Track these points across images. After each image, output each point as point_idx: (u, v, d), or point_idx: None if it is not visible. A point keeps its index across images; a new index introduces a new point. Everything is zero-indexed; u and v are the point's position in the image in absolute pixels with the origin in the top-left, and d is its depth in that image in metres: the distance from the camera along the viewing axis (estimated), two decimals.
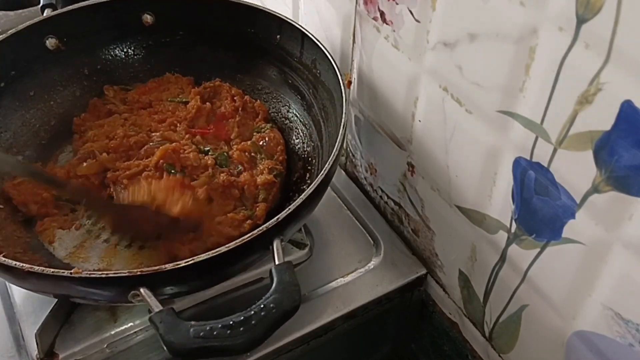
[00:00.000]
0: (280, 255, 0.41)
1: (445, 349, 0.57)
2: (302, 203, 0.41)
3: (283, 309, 0.38)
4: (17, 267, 0.38)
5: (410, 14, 0.43)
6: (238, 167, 0.53)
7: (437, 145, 0.46)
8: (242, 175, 0.52)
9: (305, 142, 0.58)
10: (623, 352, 0.35)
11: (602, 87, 0.30)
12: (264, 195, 0.52)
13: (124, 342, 0.47)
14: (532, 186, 0.38)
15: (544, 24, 0.32)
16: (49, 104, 0.58)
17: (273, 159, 0.55)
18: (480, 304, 0.49)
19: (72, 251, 0.51)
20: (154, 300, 0.38)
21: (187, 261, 0.38)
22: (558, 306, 0.39)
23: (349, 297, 0.51)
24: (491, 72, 0.37)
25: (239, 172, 0.53)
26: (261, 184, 0.52)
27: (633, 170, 0.30)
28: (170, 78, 0.62)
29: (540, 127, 0.35)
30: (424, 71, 0.44)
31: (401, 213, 0.57)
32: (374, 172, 0.59)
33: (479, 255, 0.46)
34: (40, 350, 0.45)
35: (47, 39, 0.57)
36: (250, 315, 0.37)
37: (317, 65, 0.55)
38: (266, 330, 0.37)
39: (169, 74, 0.62)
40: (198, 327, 0.36)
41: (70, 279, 0.38)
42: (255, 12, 0.58)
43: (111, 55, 0.62)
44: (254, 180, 0.52)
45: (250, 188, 0.51)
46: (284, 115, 0.61)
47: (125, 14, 0.60)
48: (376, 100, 0.53)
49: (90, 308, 0.48)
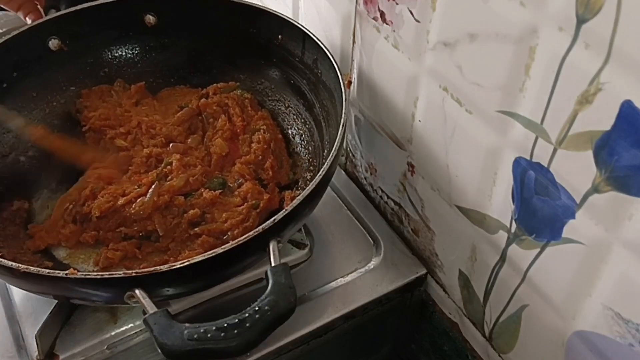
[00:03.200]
0: (277, 256, 0.40)
1: (445, 349, 0.57)
2: (299, 205, 0.41)
3: (278, 311, 0.38)
4: (13, 267, 0.38)
5: (410, 14, 0.43)
6: (239, 179, 0.53)
7: (437, 145, 0.46)
8: (244, 185, 0.52)
9: (307, 143, 0.58)
10: (623, 352, 0.35)
11: (602, 87, 0.30)
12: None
13: (124, 343, 0.47)
14: (532, 186, 0.38)
15: (544, 24, 0.32)
16: (51, 105, 0.58)
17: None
18: (480, 304, 0.49)
19: (72, 252, 0.51)
20: (149, 301, 0.38)
21: (183, 262, 0.38)
22: (558, 306, 0.39)
23: (349, 297, 0.51)
24: (491, 72, 0.37)
25: (240, 184, 0.53)
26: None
27: (633, 170, 0.30)
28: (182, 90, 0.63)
29: (540, 127, 0.35)
30: (424, 71, 0.44)
31: (401, 213, 0.57)
32: (374, 172, 0.59)
33: (479, 255, 0.46)
34: (41, 351, 0.45)
35: (49, 40, 0.57)
36: (244, 317, 0.37)
37: (318, 65, 0.55)
38: (261, 333, 0.37)
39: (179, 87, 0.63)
40: (192, 329, 0.36)
41: (66, 280, 0.38)
42: (256, 12, 0.58)
43: (113, 55, 0.62)
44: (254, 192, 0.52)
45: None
46: (285, 116, 0.61)
47: (128, 14, 0.60)
48: (376, 100, 0.53)
49: (90, 309, 0.48)
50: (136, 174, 0.53)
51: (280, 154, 0.57)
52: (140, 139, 0.56)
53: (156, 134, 0.56)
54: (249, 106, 0.59)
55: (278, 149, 0.57)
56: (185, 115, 0.58)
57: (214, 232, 0.49)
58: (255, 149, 0.55)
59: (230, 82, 0.61)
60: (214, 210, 0.51)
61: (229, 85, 0.60)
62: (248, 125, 0.57)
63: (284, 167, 0.57)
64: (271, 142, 0.56)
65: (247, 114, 0.58)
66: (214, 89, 0.60)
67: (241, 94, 0.59)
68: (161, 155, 0.55)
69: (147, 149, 0.55)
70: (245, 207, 0.50)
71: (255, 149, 0.55)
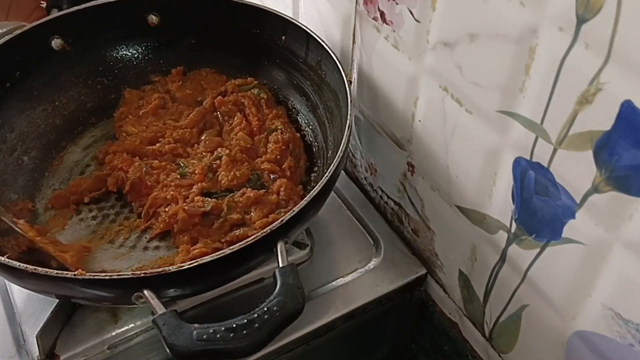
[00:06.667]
0: (284, 257, 0.40)
1: (445, 349, 0.57)
2: (306, 205, 0.41)
3: (287, 311, 0.38)
4: (20, 268, 0.38)
5: (410, 14, 0.43)
6: (271, 176, 0.53)
7: (437, 145, 0.46)
8: (277, 181, 0.52)
9: (311, 144, 0.58)
10: (623, 352, 0.35)
11: (602, 87, 0.30)
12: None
13: (124, 343, 0.47)
14: (532, 186, 0.38)
15: (544, 24, 0.32)
16: (54, 105, 0.59)
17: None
18: (480, 304, 0.49)
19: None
20: (157, 302, 0.38)
21: (191, 263, 0.38)
22: (558, 306, 0.39)
23: (349, 297, 0.51)
24: (491, 72, 0.37)
25: (275, 180, 0.53)
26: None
27: (633, 170, 0.30)
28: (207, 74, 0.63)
29: (540, 127, 0.35)
30: (424, 71, 0.44)
31: (401, 213, 0.57)
32: (374, 172, 0.59)
33: (479, 255, 0.46)
34: (41, 351, 0.45)
35: (52, 40, 0.57)
36: (253, 318, 0.37)
37: (322, 67, 0.55)
38: (270, 333, 0.37)
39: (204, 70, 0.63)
40: (201, 330, 0.36)
41: (74, 281, 0.38)
42: (260, 12, 0.58)
43: (116, 55, 0.62)
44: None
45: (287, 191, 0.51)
46: (289, 117, 0.60)
47: (131, 14, 0.60)
48: (376, 100, 0.53)
49: (91, 309, 0.48)
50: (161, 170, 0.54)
51: (298, 154, 0.57)
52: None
53: (166, 142, 0.56)
54: (264, 105, 0.59)
55: (297, 148, 0.57)
56: (197, 115, 0.58)
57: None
58: (273, 149, 0.55)
59: (249, 79, 0.60)
60: (251, 209, 0.50)
61: (247, 81, 0.60)
62: (263, 124, 0.57)
63: (300, 166, 0.56)
64: (289, 142, 0.56)
65: (262, 112, 0.58)
66: (232, 86, 0.60)
67: (258, 93, 0.59)
68: (177, 150, 0.55)
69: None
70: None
71: (273, 149, 0.55)
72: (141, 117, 0.59)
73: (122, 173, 0.53)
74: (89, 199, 0.54)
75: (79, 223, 0.53)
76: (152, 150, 0.55)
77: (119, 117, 0.60)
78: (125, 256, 0.50)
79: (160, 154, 0.55)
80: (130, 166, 0.54)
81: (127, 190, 0.53)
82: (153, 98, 0.60)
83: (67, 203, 0.53)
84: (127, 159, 0.54)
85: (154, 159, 0.55)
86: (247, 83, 0.60)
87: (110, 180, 0.54)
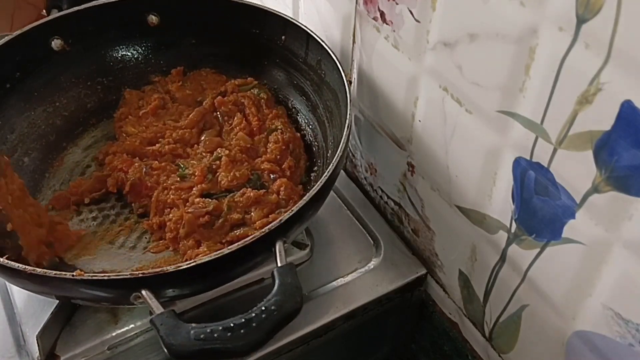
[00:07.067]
0: (283, 257, 0.40)
1: (445, 349, 0.57)
2: (305, 205, 0.41)
3: (285, 311, 0.38)
4: (19, 269, 0.38)
5: (410, 14, 0.43)
6: (271, 176, 0.53)
7: (437, 145, 0.46)
8: (277, 181, 0.52)
9: (311, 144, 0.58)
10: (623, 352, 0.35)
11: (602, 87, 0.30)
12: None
13: (124, 344, 0.47)
14: (532, 186, 0.38)
15: (544, 24, 0.32)
16: (54, 105, 0.59)
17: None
18: (480, 304, 0.49)
19: (76, 252, 0.51)
20: (155, 302, 0.38)
21: (189, 263, 0.38)
22: (558, 306, 0.39)
23: (349, 297, 0.51)
24: (491, 72, 0.37)
25: (275, 179, 0.53)
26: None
27: (633, 170, 0.30)
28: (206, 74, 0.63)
29: (540, 127, 0.35)
30: (424, 71, 0.44)
31: (401, 213, 0.57)
32: (374, 172, 0.59)
33: (479, 255, 0.46)
34: (42, 352, 0.45)
35: (52, 40, 0.57)
36: (251, 317, 0.37)
37: (322, 66, 0.55)
38: (267, 333, 0.37)
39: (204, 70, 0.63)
40: (199, 330, 0.36)
41: (73, 281, 0.38)
42: (260, 12, 0.58)
43: (116, 55, 0.62)
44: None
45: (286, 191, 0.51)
46: (289, 117, 0.60)
47: (130, 14, 0.60)
48: (376, 100, 0.53)
49: (91, 310, 0.48)
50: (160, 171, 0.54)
51: (298, 154, 0.57)
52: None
53: (166, 143, 0.56)
54: (264, 105, 0.59)
55: (297, 148, 0.57)
56: (197, 115, 0.58)
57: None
58: (273, 149, 0.55)
59: (249, 79, 0.60)
60: (252, 209, 0.50)
61: (247, 81, 0.60)
62: (263, 124, 0.57)
63: (300, 166, 0.56)
64: (290, 142, 0.56)
65: (262, 113, 0.58)
66: (232, 86, 0.60)
67: (257, 93, 0.59)
68: (177, 150, 0.55)
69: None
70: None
71: (273, 149, 0.55)
72: (141, 117, 0.59)
73: (122, 174, 0.54)
74: (89, 199, 0.54)
75: (79, 224, 0.53)
76: (152, 150, 0.56)
77: (119, 118, 0.60)
78: (125, 257, 0.50)
79: (160, 155, 0.55)
80: (130, 167, 0.54)
81: (127, 191, 0.53)
82: (153, 98, 0.60)
83: (67, 204, 0.53)
84: (127, 160, 0.54)
85: (154, 159, 0.55)
86: (247, 83, 0.60)
87: (110, 181, 0.54)
